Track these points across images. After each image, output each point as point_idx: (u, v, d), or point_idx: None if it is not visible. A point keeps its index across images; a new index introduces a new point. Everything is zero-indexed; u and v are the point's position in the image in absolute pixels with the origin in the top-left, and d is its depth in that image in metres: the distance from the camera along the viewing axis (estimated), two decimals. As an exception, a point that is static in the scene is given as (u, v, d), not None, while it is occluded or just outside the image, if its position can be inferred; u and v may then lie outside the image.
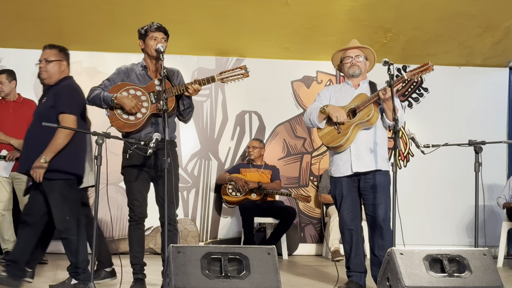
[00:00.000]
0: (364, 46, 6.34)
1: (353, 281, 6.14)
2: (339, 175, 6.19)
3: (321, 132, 6.21)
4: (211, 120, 9.62)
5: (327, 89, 6.50)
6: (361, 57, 6.27)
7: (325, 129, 6.18)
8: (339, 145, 6.08)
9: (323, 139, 6.22)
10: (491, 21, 9.24)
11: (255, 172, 9.25)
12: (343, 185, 6.18)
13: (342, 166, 6.16)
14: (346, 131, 6.04)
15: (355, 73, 6.25)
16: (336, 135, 6.09)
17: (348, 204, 6.17)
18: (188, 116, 5.89)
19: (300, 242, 9.66)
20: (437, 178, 9.89)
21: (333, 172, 6.26)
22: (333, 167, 6.26)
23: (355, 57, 6.26)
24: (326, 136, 6.17)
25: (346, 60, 6.29)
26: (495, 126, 10.06)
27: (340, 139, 6.06)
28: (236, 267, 4.73)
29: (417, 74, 5.98)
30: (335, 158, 6.23)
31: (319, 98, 6.36)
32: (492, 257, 5.16)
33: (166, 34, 5.78)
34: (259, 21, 9.02)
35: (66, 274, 5.88)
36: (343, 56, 6.33)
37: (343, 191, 6.18)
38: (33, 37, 8.96)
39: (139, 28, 5.81)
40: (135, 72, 5.84)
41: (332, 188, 6.35)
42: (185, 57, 9.38)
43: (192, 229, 9.25)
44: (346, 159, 6.13)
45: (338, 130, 6.08)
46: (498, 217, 9.86)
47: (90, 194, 7.17)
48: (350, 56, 6.27)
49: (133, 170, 5.75)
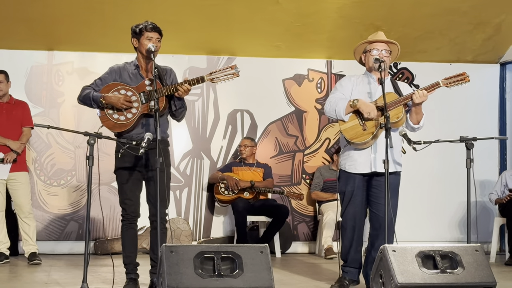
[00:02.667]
0: (391, 41, 6.16)
1: (345, 277, 6.09)
2: (354, 172, 6.05)
3: (344, 125, 5.99)
4: (203, 119, 9.62)
5: (349, 79, 6.25)
6: (387, 52, 6.10)
7: (348, 123, 5.98)
8: (363, 142, 5.92)
9: (346, 133, 5.99)
10: (482, 18, 9.27)
11: (247, 170, 9.25)
12: (356, 182, 6.06)
13: (360, 163, 6.02)
14: (373, 129, 5.89)
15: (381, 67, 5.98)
16: (361, 131, 5.93)
17: (358, 201, 6.07)
18: (181, 116, 5.88)
19: (293, 240, 9.66)
20: (429, 174, 9.91)
21: (348, 167, 6.09)
22: (348, 162, 6.09)
23: (382, 50, 6.07)
24: (350, 131, 5.97)
25: (372, 52, 6.07)
26: (486, 122, 10.08)
27: (365, 136, 5.91)
28: (229, 266, 4.73)
29: (453, 84, 5.96)
30: (353, 154, 6.05)
31: (341, 88, 6.15)
32: (484, 253, 5.17)
33: (160, 34, 5.76)
34: (250, 20, 9.02)
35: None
36: (369, 48, 6.11)
37: (354, 188, 6.06)
38: (24, 37, 8.95)
39: (133, 26, 5.77)
40: (127, 71, 5.82)
41: (342, 183, 6.16)
42: (176, 56, 9.36)
43: (185, 228, 9.25)
44: (366, 157, 5.99)
45: (364, 127, 5.91)
46: (490, 213, 9.88)
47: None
48: (377, 49, 6.08)
49: (125, 169, 5.75)
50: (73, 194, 9.19)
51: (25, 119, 8.12)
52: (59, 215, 9.13)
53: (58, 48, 9.27)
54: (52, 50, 9.26)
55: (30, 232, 8.05)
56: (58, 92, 9.20)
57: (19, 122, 8.03)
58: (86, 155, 5.28)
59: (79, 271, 6.50)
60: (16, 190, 8.00)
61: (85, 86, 5.84)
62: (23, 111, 8.16)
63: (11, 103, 8.11)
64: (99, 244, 9.03)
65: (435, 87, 5.91)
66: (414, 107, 5.92)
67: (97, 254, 8.91)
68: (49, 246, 9.01)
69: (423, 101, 5.84)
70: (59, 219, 9.12)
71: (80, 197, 9.20)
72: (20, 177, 8.02)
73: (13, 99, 8.16)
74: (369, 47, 6.12)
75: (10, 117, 7.98)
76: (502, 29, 9.51)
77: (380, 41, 6.13)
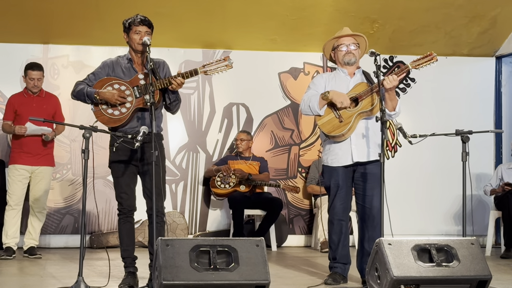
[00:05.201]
0: (358, 33, 6.25)
1: (337, 273, 6.09)
2: (337, 165, 6.08)
3: (321, 120, 6.05)
4: (198, 113, 9.60)
5: (321, 76, 6.39)
6: (355, 45, 6.19)
7: (325, 117, 6.03)
8: (341, 134, 5.96)
9: (323, 128, 6.05)
10: (478, 11, 9.27)
11: (243, 164, 9.25)
12: (340, 174, 6.09)
13: (341, 156, 6.06)
14: (349, 120, 5.94)
15: (350, 61, 6.15)
16: (337, 124, 5.97)
17: (343, 194, 6.09)
18: (175, 109, 5.87)
19: (289, 234, 9.66)
20: (425, 168, 9.91)
21: (330, 161, 6.13)
22: (330, 156, 6.13)
23: (350, 44, 6.18)
24: (327, 125, 6.02)
25: (340, 47, 6.18)
26: (482, 116, 10.08)
27: (342, 128, 5.95)
28: (225, 259, 4.73)
29: (421, 65, 5.96)
30: (333, 147, 6.10)
31: (314, 86, 6.23)
32: (480, 246, 5.18)
33: (150, 27, 5.71)
34: (245, 13, 9.01)
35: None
36: (337, 44, 6.22)
37: (339, 181, 6.08)
38: (19, 31, 8.92)
39: (124, 21, 5.74)
40: (120, 66, 5.80)
41: (326, 178, 6.20)
42: (171, 49, 9.34)
43: (181, 222, 9.25)
44: (346, 149, 6.04)
45: (340, 119, 5.96)
46: (486, 206, 9.89)
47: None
48: (344, 44, 6.18)
49: (120, 163, 5.73)
50: (68, 187, 9.18)
51: (57, 113, 8.12)
52: (55, 208, 9.12)
53: (53, 42, 9.24)
54: (47, 44, 9.23)
55: (38, 227, 8.07)
56: (54, 85, 9.17)
57: (49, 116, 7.97)
58: (82, 149, 5.27)
59: (74, 264, 6.50)
60: (38, 183, 7.99)
61: (79, 81, 5.81)
62: (55, 105, 8.14)
63: (42, 96, 8.07)
64: (95, 238, 9.02)
65: (404, 71, 5.96)
66: (387, 93, 5.95)
67: (92, 248, 8.91)
68: (44, 240, 9.00)
69: (394, 85, 5.88)
70: (54, 213, 9.11)
71: (76, 190, 9.19)
72: (45, 171, 8.02)
73: (43, 91, 8.11)
74: (336, 43, 6.25)
75: (40, 110, 7.90)
76: (498, 22, 9.51)
77: (346, 35, 6.23)
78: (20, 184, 7.93)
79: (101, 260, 7.65)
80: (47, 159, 8.04)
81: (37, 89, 7.98)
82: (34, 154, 7.93)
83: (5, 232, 7.94)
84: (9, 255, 7.78)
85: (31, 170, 7.95)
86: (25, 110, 7.89)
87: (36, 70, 7.97)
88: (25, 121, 7.81)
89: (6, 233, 7.93)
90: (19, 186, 7.93)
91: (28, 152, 7.90)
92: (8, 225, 7.93)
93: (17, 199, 7.93)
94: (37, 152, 7.94)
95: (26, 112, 7.83)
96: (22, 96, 8.05)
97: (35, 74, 7.96)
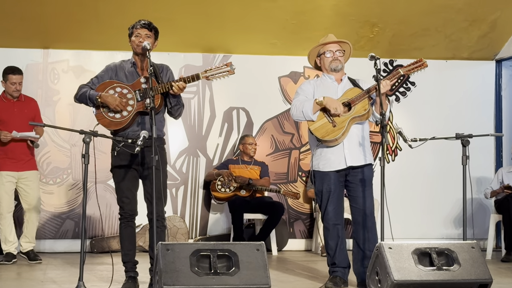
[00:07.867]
0: (343, 40, 6.29)
1: (338, 276, 6.07)
2: (328, 170, 6.10)
3: (313, 125, 6.05)
4: (198, 117, 9.61)
5: (308, 82, 6.40)
6: (341, 52, 6.23)
7: (317, 122, 6.04)
8: (335, 138, 5.97)
9: (316, 133, 6.04)
10: (478, 15, 9.27)
11: (244, 168, 9.25)
12: (332, 179, 6.10)
13: (334, 161, 6.07)
14: (342, 124, 5.95)
15: (337, 67, 6.19)
16: (331, 128, 5.98)
17: (335, 199, 6.10)
18: (177, 113, 5.87)
19: (289, 238, 9.66)
20: (425, 171, 9.91)
21: (321, 166, 6.13)
22: (321, 161, 6.13)
23: (336, 51, 6.21)
24: (320, 129, 6.02)
25: (326, 54, 6.21)
26: (482, 119, 10.08)
27: (336, 132, 5.96)
28: (225, 264, 4.73)
29: (411, 71, 6.00)
30: (326, 152, 6.10)
31: (302, 92, 6.24)
32: (480, 250, 5.19)
33: (150, 30, 5.75)
34: (245, 17, 9.02)
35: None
36: (323, 51, 6.24)
37: (331, 186, 6.10)
38: (19, 36, 8.92)
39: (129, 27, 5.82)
40: (123, 70, 5.82)
41: (318, 183, 6.19)
42: (172, 54, 9.34)
43: (181, 226, 9.25)
44: (339, 153, 6.05)
45: (333, 123, 5.97)
46: (487, 210, 9.89)
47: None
48: (330, 50, 6.21)
49: (121, 168, 5.74)
50: (69, 192, 9.18)
51: (37, 117, 8.09)
52: (55, 213, 9.12)
53: (53, 46, 9.24)
54: (47, 48, 9.24)
55: (34, 230, 8.06)
56: (54, 90, 9.18)
57: (31, 119, 7.95)
58: (82, 153, 5.28)
59: (75, 269, 6.50)
60: (28, 188, 7.97)
61: (82, 84, 5.84)
62: (34, 109, 8.13)
63: (21, 100, 8.05)
64: (96, 242, 9.02)
65: (395, 76, 6.01)
66: (379, 98, 5.94)
67: (93, 252, 8.90)
68: (45, 244, 8.99)
69: (386, 90, 5.91)
70: (55, 218, 9.11)
71: (76, 195, 9.19)
72: (32, 176, 8.01)
73: (22, 95, 8.08)
74: (322, 50, 6.27)
75: (22, 114, 7.90)
76: (498, 26, 9.52)
77: (332, 42, 6.26)
78: (8, 191, 7.90)
79: (101, 264, 7.65)
80: (31, 163, 8.04)
81: (18, 94, 7.96)
82: (19, 160, 7.91)
83: (4, 240, 7.93)
84: (8, 260, 7.78)
85: (18, 176, 7.92)
86: (7, 116, 7.87)
87: (17, 74, 7.94)
88: (6, 127, 7.80)
89: (6, 240, 7.92)
90: (7, 193, 7.90)
91: (12, 158, 7.87)
92: (5, 233, 7.91)
93: (7, 206, 7.89)
94: (21, 157, 7.93)
95: (8, 118, 7.84)
96: (2, 101, 7.99)
97: (16, 78, 7.92)
